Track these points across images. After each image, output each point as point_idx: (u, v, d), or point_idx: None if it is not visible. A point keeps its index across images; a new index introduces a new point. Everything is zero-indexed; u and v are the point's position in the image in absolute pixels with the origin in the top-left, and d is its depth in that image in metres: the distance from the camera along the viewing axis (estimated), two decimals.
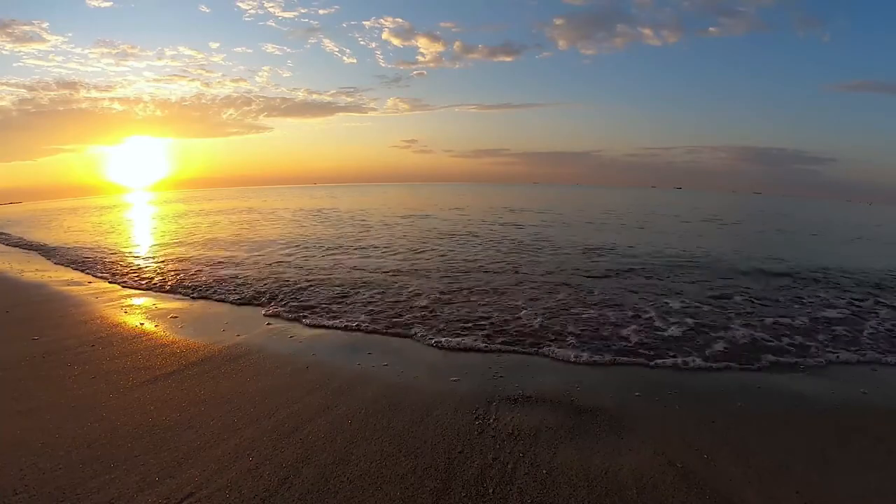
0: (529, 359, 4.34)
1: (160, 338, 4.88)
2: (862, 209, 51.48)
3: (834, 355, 4.49)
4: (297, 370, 4.02)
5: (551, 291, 6.87)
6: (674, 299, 6.48)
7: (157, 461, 2.64)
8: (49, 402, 3.42)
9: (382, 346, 4.66)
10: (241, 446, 2.80)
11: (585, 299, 6.45)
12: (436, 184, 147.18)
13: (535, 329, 5.13)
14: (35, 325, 5.36)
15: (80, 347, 4.58)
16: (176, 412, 3.25)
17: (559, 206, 29.76)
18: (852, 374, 4.12)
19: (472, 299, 6.40)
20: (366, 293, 6.72)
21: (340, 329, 5.20)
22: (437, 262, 9.35)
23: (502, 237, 13.38)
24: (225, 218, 21.80)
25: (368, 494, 2.37)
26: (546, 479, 2.50)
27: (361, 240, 12.87)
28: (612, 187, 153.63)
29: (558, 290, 6.91)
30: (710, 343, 4.76)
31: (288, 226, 17.31)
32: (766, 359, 4.33)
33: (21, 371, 4.00)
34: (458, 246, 11.53)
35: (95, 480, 2.47)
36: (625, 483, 2.48)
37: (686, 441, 2.91)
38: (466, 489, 2.42)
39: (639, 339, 4.84)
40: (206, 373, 3.95)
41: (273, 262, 9.39)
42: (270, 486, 2.42)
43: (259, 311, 5.98)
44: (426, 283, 7.35)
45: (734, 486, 2.47)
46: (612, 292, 6.88)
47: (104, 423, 3.10)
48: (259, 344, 4.69)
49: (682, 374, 4.05)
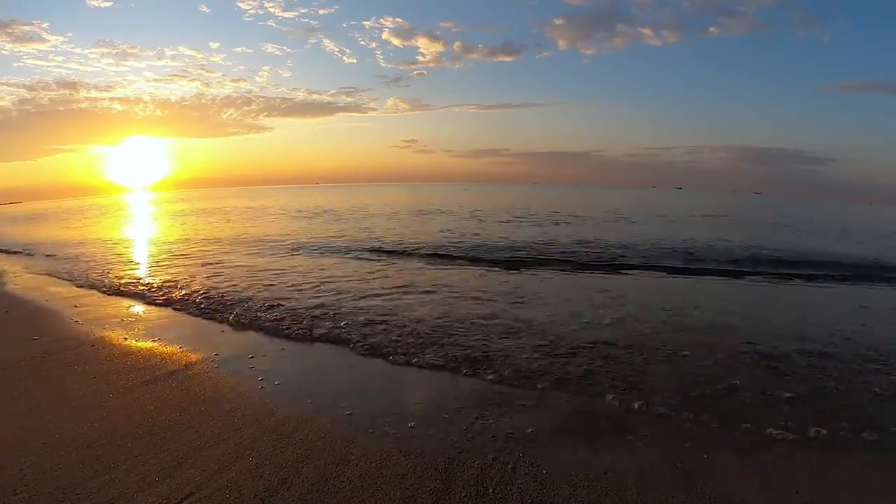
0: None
1: (160, 338, 4.88)
2: (862, 209, 51.45)
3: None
4: (298, 370, 4.01)
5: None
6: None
7: (157, 461, 2.64)
8: (49, 402, 3.41)
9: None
10: (241, 446, 2.80)
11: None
12: (436, 184, 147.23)
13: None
14: (35, 325, 5.36)
15: (80, 347, 4.58)
16: (176, 412, 3.25)
17: (630, 208, 27.19)
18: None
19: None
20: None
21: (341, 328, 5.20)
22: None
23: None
24: (237, 217, 21.79)
25: (368, 494, 2.37)
26: (546, 479, 2.50)
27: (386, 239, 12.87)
28: (612, 187, 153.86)
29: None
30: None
31: (294, 223, 17.29)
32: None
33: (21, 371, 4.00)
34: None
35: (95, 480, 2.47)
36: (625, 483, 2.48)
37: (686, 441, 2.91)
38: (466, 489, 2.42)
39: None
40: (206, 372, 3.95)
41: (274, 263, 9.38)
42: (270, 486, 2.42)
43: (259, 310, 5.97)
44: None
45: (734, 486, 2.47)
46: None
47: (104, 423, 3.10)
48: (259, 343, 4.69)
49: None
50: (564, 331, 4.95)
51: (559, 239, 12.67)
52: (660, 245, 11.65)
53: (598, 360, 4.11)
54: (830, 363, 4.13)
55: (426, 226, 16.60)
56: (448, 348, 4.41)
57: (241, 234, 14.54)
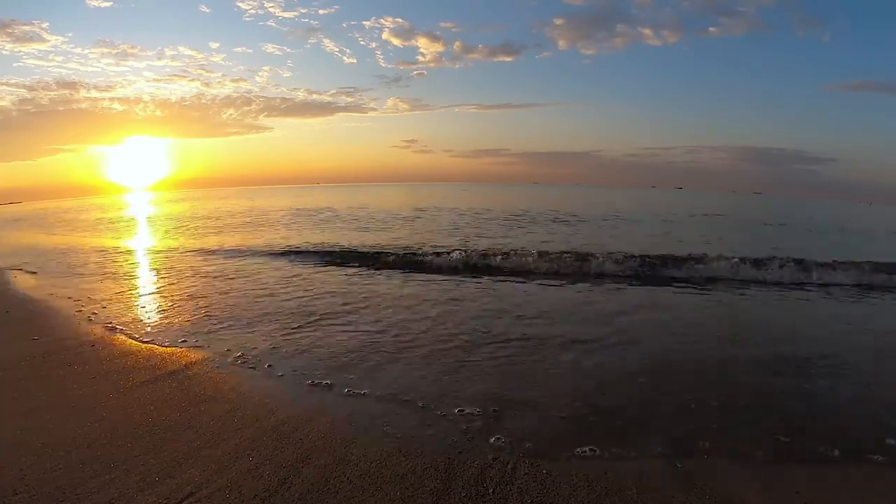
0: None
1: (160, 338, 4.87)
2: (861, 209, 51.38)
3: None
4: (298, 370, 4.00)
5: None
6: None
7: (157, 461, 2.64)
8: (49, 402, 3.41)
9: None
10: (241, 446, 2.80)
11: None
12: (436, 184, 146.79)
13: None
14: (35, 325, 5.35)
15: (80, 347, 4.57)
16: (176, 412, 3.24)
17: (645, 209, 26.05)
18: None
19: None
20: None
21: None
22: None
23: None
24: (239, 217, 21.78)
25: (368, 494, 2.37)
26: (546, 479, 2.49)
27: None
28: (612, 187, 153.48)
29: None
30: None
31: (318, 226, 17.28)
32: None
33: (21, 371, 4.00)
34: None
35: (95, 480, 2.47)
36: (625, 483, 2.47)
37: (686, 441, 2.91)
38: (466, 489, 2.41)
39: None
40: (206, 372, 3.95)
41: (275, 264, 9.39)
42: (270, 486, 2.42)
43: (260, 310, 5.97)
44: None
45: (734, 486, 2.47)
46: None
47: (104, 423, 3.10)
48: (259, 344, 4.69)
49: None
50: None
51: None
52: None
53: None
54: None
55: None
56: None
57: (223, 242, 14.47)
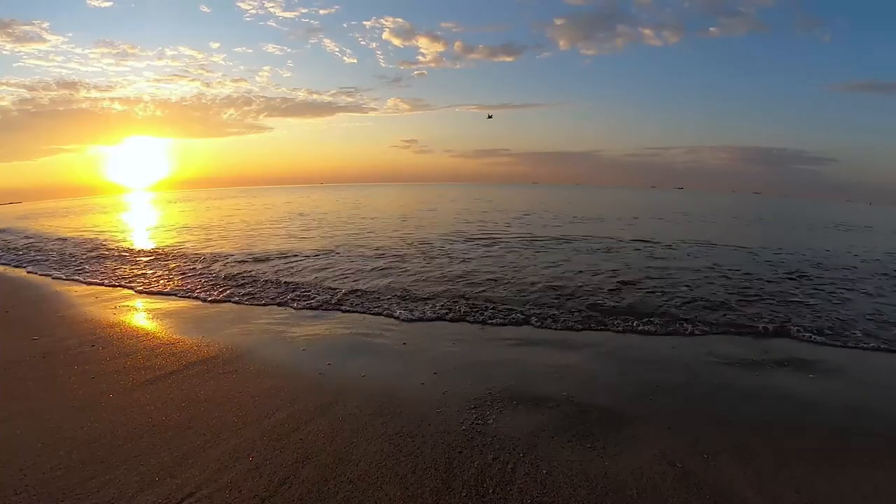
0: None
1: (160, 338, 4.88)
2: (861, 209, 51.37)
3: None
4: (298, 370, 4.01)
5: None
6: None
7: (157, 461, 2.64)
8: (49, 402, 3.42)
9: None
10: (241, 446, 2.80)
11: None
12: (437, 184, 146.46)
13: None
14: (35, 325, 5.36)
15: (80, 347, 4.58)
16: (176, 412, 3.24)
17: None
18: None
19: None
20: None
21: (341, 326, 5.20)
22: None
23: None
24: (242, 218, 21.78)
25: (368, 494, 2.37)
26: (546, 479, 2.49)
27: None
28: (612, 187, 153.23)
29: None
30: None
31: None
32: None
33: (21, 371, 4.00)
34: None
35: (95, 480, 2.47)
36: (625, 483, 2.47)
37: (686, 440, 2.91)
38: (466, 489, 2.42)
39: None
40: (206, 373, 3.95)
41: (276, 264, 9.38)
42: (270, 486, 2.42)
43: (260, 311, 5.98)
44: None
45: (734, 486, 2.46)
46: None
47: (104, 423, 3.10)
48: (259, 344, 4.69)
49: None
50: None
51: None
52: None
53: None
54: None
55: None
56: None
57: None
